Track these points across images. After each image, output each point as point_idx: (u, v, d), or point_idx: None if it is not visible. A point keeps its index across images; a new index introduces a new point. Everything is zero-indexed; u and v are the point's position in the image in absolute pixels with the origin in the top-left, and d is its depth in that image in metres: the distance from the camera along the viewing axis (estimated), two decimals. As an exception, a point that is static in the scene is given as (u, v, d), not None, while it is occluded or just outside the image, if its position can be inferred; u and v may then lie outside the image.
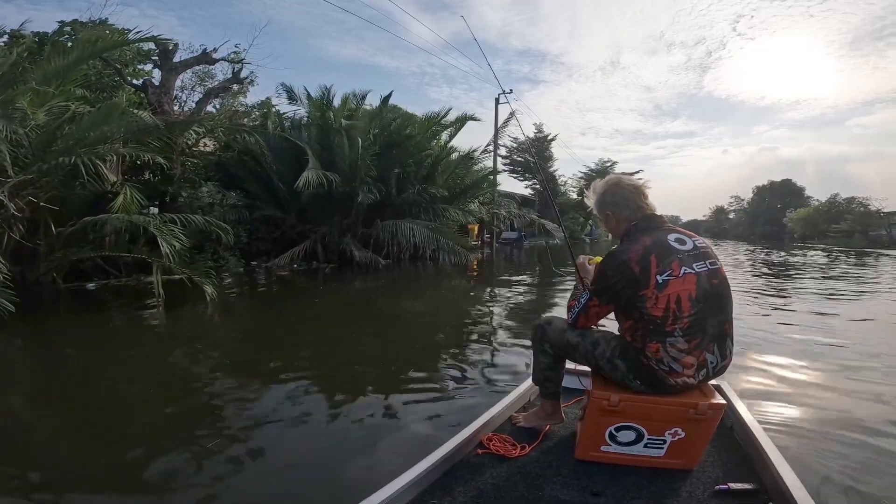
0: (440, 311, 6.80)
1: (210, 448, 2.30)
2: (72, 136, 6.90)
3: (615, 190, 1.70)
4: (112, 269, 8.06)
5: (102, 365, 3.84)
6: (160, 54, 11.01)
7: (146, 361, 3.98)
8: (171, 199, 9.26)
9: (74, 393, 3.21)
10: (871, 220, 41.16)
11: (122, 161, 8.08)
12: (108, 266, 8.05)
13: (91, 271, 7.84)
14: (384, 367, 3.81)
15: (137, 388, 3.30)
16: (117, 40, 9.18)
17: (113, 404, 3.00)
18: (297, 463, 2.19)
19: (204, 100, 11.64)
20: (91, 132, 6.93)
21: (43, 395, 3.21)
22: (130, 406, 2.98)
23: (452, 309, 7.00)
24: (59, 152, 6.56)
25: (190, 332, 5.18)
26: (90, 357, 4.09)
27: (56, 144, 6.75)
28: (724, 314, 1.54)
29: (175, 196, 9.27)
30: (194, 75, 13.37)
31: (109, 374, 3.58)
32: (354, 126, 10.95)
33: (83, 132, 6.90)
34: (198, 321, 5.69)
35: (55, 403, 3.03)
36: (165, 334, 5.07)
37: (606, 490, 1.48)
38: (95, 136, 6.94)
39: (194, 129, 9.54)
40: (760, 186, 68.38)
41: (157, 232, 5.69)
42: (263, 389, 3.22)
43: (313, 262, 11.07)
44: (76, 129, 6.98)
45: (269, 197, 11.32)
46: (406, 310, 6.80)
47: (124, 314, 5.95)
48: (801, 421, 2.64)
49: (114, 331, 5.18)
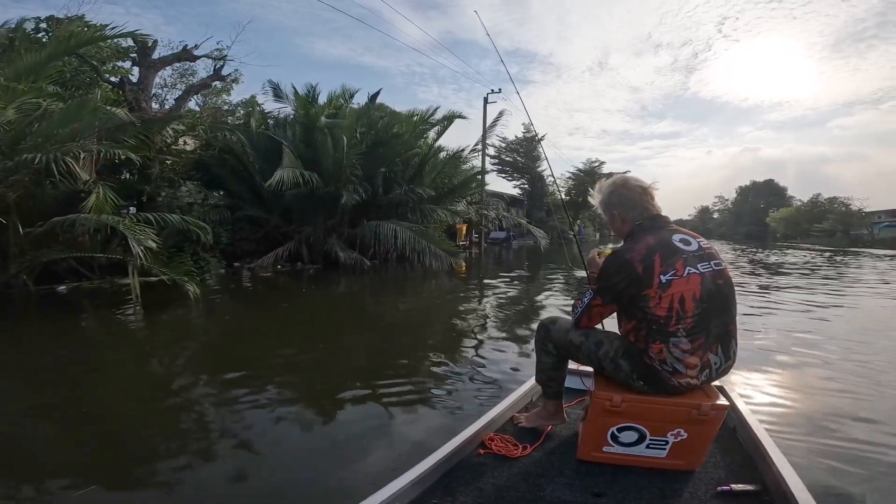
0: (425, 312, 6.67)
1: (195, 453, 2.26)
2: (41, 134, 6.64)
3: (621, 191, 1.67)
4: (86, 271, 7.79)
5: (76, 368, 3.68)
6: (139, 51, 10.71)
7: (123, 367, 3.84)
8: (149, 199, 8.99)
9: (47, 400, 3.05)
10: (853, 220, 42.05)
11: (96, 159, 7.81)
12: (81, 268, 7.79)
13: (65, 273, 7.57)
14: (367, 371, 3.69)
15: (114, 394, 3.19)
16: (92, 36, 8.91)
17: (91, 410, 2.89)
18: (287, 466, 2.16)
19: (183, 97, 11.34)
20: (61, 129, 6.67)
21: (12, 401, 3.05)
22: (107, 411, 2.88)
23: (438, 310, 6.87)
24: (28, 149, 6.30)
25: (168, 335, 4.98)
26: (64, 361, 3.91)
27: (25, 142, 6.49)
28: (729, 315, 1.52)
29: (153, 195, 9.00)
30: (175, 72, 13.05)
31: (88, 380, 3.43)
32: (338, 125, 10.75)
33: (53, 129, 6.65)
34: (176, 324, 5.48)
35: (29, 409, 2.90)
36: (143, 338, 4.88)
37: (608, 491, 1.47)
38: (66, 134, 6.69)
39: (173, 126, 9.27)
40: (744, 186, 69.60)
41: (128, 232, 5.46)
42: (245, 394, 3.10)
43: (297, 263, 10.86)
44: (46, 126, 6.72)
45: (251, 197, 11.08)
46: (390, 311, 6.65)
47: (99, 317, 5.72)
48: (805, 422, 2.64)
49: (87, 335, 4.97)
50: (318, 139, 10.82)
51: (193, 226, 6.95)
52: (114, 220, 5.68)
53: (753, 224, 60.37)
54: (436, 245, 10.64)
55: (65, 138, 6.70)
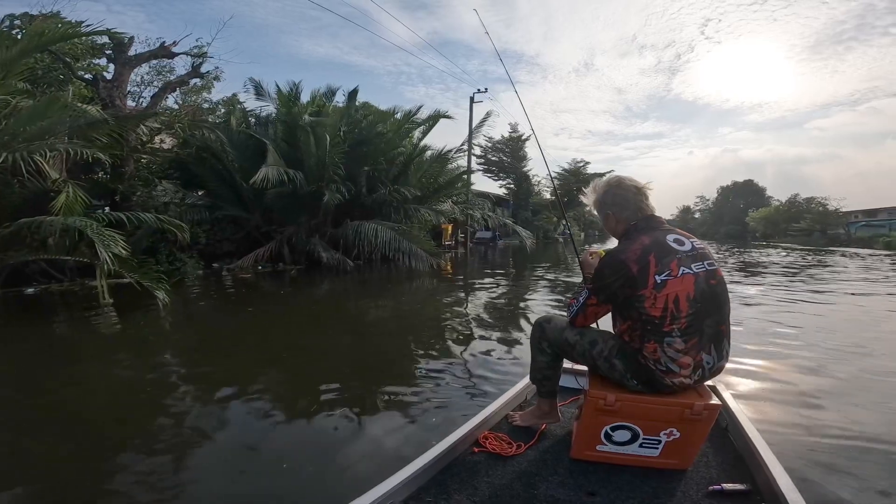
0: (409, 313, 6.58)
1: (173, 461, 2.19)
2: (8, 131, 6.40)
3: (616, 191, 1.68)
4: (56, 273, 7.55)
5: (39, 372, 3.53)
6: (114, 48, 10.44)
7: (85, 371, 3.69)
8: (124, 198, 8.73)
9: (12, 410, 2.91)
10: (830, 219, 43.04)
11: (67, 158, 7.57)
12: (52, 270, 7.55)
13: (35, 275, 7.32)
14: (349, 374, 3.61)
15: (83, 400, 3.07)
16: (65, 33, 8.65)
17: (61, 417, 2.78)
18: (275, 471, 2.12)
19: (159, 94, 11.04)
20: (29, 126, 6.45)
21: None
22: (77, 418, 2.76)
23: (423, 311, 6.79)
24: (-7, 147, 6.06)
25: (135, 339, 4.81)
26: (30, 366, 3.76)
27: (-9, 139, 6.25)
28: (721, 315, 1.53)
29: (127, 195, 8.74)
30: (152, 70, 12.73)
31: (52, 387, 3.27)
32: (321, 123, 10.60)
33: (20, 126, 6.42)
34: (145, 327, 5.30)
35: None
36: (109, 342, 4.70)
37: (601, 489, 1.48)
38: (34, 131, 6.46)
39: (148, 124, 9.04)
40: (724, 187, 70.80)
41: (95, 237, 5.26)
42: (219, 398, 3.04)
43: (279, 264, 10.68)
44: (14, 124, 6.48)
45: (231, 196, 10.85)
46: (372, 312, 6.56)
47: (65, 320, 5.52)
48: (796, 422, 2.65)
49: (48, 339, 4.78)
50: (300, 137, 10.66)
51: (169, 224, 6.75)
52: (81, 222, 5.47)
53: (734, 224, 61.46)
54: (418, 245, 10.55)
55: (33, 136, 6.48)
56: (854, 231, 40.98)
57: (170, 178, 10.48)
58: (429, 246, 10.96)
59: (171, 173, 10.83)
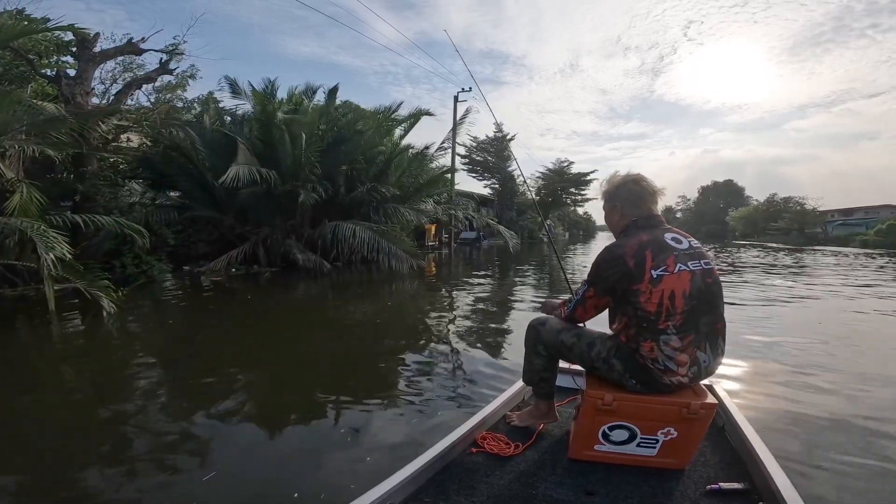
0: (390, 316, 6.37)
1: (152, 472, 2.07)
2: (-44, 128, 6.05)
3: (633, 186, 1.68)
4: (13, 277, 7.16)
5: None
6: (78, 44, 10.03)
7: (48, 379, 3.51)
8: (86, 199, 8.35)
9: None
10: (808, 219, 43.97)
11: (24, 155, 7.20)
12: (9, 274, 7.16)
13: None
14: (327, 377, 3.51)
15: (38, 411, 2.89)
16: (24, 29, 8.34)
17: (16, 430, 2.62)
18: (267, 478, 2.07)
19: (124, 91, 10.63)
20: (-22, 123, 6.09)
21: None
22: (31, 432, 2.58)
23: (403, 313, 6.59)
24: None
25: (95, 347, 4.52)
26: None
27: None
28: (717, 313, 1.54)
29: (90, 195, 8.36)
30: (118, 66, 12.27)
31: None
32: (296, 120, 10.32)
33: (-31, 123, 6.06)
34: (92, 336, 4.96)
35: None
36: (62, 350, 4.42)
37: (600, 489, 1.49)
38: (-16, 128, 6.11)
39: (115, 122, 8.67)
40: (705, 186, 72.10)
41: (37, 237, 4.95)
42: (188, 408, 2.85)
43: (254, 266, 10.37)
44: (-37, 120, 6.13)
45: (202, 196, 10.48)
46: (349, 316, 6.33)
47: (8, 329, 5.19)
48: (792, 420, 2.62)
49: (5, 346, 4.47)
50: (275, 136, 10.36)
51: (127, 227, 6.43)
52: (26, 224, 5.14)
53: (714, 223, 62.53)
54: (398, 245, 10.33)
55: (-18, 132, 6.13)
56: (831, 230, 41.92)
57: (139, 178, 10.08)
58: (409, 246, 10.75)
59: (140, 173, 10.44)
